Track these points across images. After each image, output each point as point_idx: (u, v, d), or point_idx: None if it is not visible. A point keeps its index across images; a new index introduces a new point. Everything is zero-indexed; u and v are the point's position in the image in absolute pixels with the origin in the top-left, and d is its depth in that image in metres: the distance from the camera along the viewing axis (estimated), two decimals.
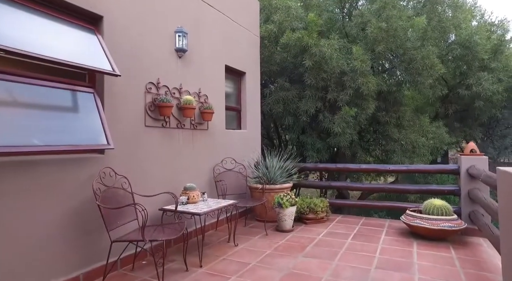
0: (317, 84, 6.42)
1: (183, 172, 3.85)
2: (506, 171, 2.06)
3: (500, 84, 7.98)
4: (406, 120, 7.88)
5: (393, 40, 6.42)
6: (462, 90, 8.37)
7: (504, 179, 2.11)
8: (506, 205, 2.01)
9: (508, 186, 2.01)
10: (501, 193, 2.15)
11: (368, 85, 6.19)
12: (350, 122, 6.45)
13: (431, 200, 3.74)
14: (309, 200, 4.49)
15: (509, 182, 1.97)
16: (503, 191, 2.09)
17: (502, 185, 2.12)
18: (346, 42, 7.11)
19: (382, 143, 8.49)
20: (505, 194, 2.07)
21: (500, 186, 2.20)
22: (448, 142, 8.11)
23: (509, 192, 1.98)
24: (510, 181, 1.95)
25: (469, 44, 7.80)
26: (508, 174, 2.03)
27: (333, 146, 7.00)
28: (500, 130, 10.14)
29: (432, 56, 6.62)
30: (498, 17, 10.01)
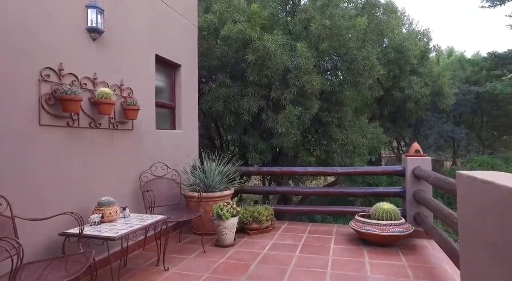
0: (260, 81, 6.03)
1: (97, 183, 3.08)
2: (471, 177, 1.82)
3: (427, 88, 8.55)
4: (347, 120, 7.96)
5: (337, 38, 6.34)
6: (396, 92, 8.79)
7: (468, 186, 1.88)
8: (471, 218, 1.77)
9: (473, 194, 1.77)
10: (464, 202, 1.91)
11: (313, 83, 6.00)
12: (294, 122, 6.19)
13: (379, 204, 3.57)
14: (253, 208, 4.03)
15: (476, 190, 1.72)
16: (468, 200, 1.85)
17: (465, 193, 1.88)
18: (290, 40, 6.88)
19: (324, 143, 8.50)
20: (470, 203, 1.82)
21: (462, 193, 1.97)
22: (384, 141, 8.43)
23: (476, 203, 1.73)
24: (478, 189, 1.70)
25: (401, 48, 8.18)
26: (474, 180, 1.79)
27: (276, 146, 6.70)
28: (425, 130, 11.00)
29: (372, 57, 6.72)
30: (423, 26, 10.86)
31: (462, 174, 1.95)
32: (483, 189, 1.66)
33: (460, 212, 2.01)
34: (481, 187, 1.69)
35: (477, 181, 1.74)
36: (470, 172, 1.94)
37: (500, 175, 1.80)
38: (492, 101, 11.81)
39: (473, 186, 1.78)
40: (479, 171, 1.97)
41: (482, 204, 1.67)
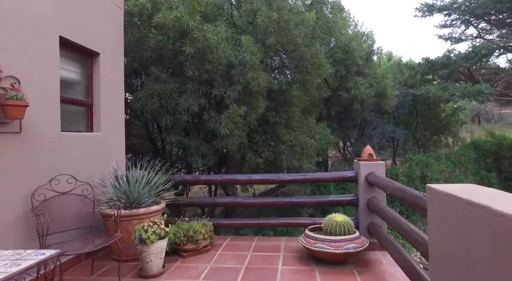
0: (201, 77, 5.36)
1: None
2: (453, 196, 1.43)
3: (371, 89, 8.65)
4: (295, 121, 7.65)
5: (284, 33, 5.93)
6: (343, 92, 8.74)
7: (447, 205, 1.49)
8: (452, 246, 1.38)
9: (456, 217, 1.39)
10: (441, 224, 1.53)
11: (259, 80, 5.50)
12: (238, 123, 5.64)
13: (331, 216, 3.17)
14: (188, 225, 3.38)
15: (461, 213, 1.33)
16: (447, 223, 1.46)
17: (442, 213, 1.50)
18: (235, 33, 6.33)
19: (272, 144, 8.13)
20: (451, 228, 1.44)
21: (437, 214, 1.59)
22: (332, 142, 8.32)
23: (461, 229, 1.35)
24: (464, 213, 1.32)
25: (348, 49, 8.13)
26: (457, 200, 1.40)
27: (220, 149, 6.10)
28: (369, 131, 11.28)
29: (321, 55, 6.46)
30: (367, 28, 11.15)
31: (437, 191, 1.56)
32: (472, 214, 1.26)
33: (433, 235, 1.64)
34: (468, 211, 1.28)
35: (462, 202, 1.34)
36: (446, 187, 1.56)
37: (485, 193, 1.43)
38: (425, 103, 12.58)
39: (455, 208, 1.37)
40: (454, 186, 1.60)
41: (471, 233, 1.27)
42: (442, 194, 1.50)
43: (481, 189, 1.45)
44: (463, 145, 12.46)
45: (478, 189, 1.44)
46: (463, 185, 1.60)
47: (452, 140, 13.57)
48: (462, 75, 11.29)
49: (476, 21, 11.23)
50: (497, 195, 1.34)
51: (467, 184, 1.60)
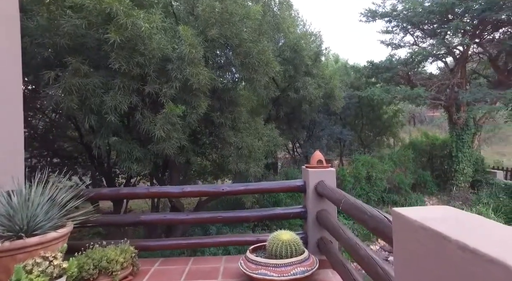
0: (131, 71, 4.61)
1: None
2: (430, 230, 1.06)
3: (320, 90, 8.54)
4: (242, 122, 7.19)
5: (228, 26, 5.41)
6: (292, 93, 8.51)
7: (419, 237, 1.11)
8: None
9: (430, 252, 1.01)
10: (409, 257, 1.15)
11: (199, 77, 4.91)
12: (177, 124, 5.00)
13: (277, 233, 2.73)
14: (101, 253, 2.68)
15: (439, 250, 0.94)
16: (420, 259, 1.08)
17: (413, 247, 1.11)
18: (174, 24, 5.65)
19: (219, 146, 7.60)
20: (425, 264, 1.06)
21: (406, 245, 1.20)
22: (280, 144, 8.02)
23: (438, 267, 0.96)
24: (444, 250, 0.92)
25: (296, 47, 7.90)
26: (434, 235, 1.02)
27: (157, 153, 5.38)
28: (318, 132, 11.29)
29: (268, 51, 6.07)
30: (315, 28, 11.14)
31: (410, 220, 1.17)
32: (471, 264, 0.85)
33: (402, 275, 1.24)
34: (464, 260, 0.87)
35: (451, 244, 0.94)
36: (420, 215, 1.17)
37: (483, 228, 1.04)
38: (370, 105, 13.03)
39: (441, 249, 0.96)
40: (429, 211, 1.22)
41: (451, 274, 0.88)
42: (417, 225, 1.10)
43: (470, 219, 1.09)
44: (403, 145, 13.14)
45: (467, 221, 1.08)
46: (438, 209, 1.24)
47: (393, 140, 14.29)
48: (402, 79, 11.85)
49: (412, 29, 11.85)
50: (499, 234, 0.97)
51: (443, 208, 1.24)
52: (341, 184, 9.97)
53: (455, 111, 10.74)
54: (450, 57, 11.34)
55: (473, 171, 10.92)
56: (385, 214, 1.62)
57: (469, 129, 10.64)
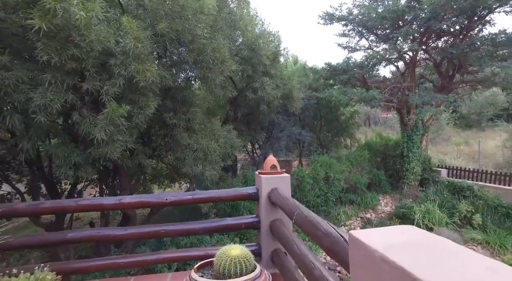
0: (65, 65, 4.05)
1: None
2: (387, 260, 0.83)
3: (278, 90, 8.42)
4: (197, 123, 6.82)
5: (180, 21, 5.02)
6: (250, 93, 8.30)
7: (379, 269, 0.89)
8: None
9: None
10: None
11: (146, 74, 4.48)
12: (121, 125, 4.51)
13: (225, 249, 2.44)
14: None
15: None
16: None
17: (367, 271, 0.89)
18: (120, 15, 5.14)
19: (174, 148, 7.17)
20: None
21: (361, 271, 0.97)
22: (237, 146, 7.76)
23: None
24: None
25: (254, 47, 7.70)
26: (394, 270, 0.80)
27: (99, 158, 4.84)
28: (277, 133, 11.21)
29: (224, 49, 5.77)
30: (274, 28, 11.04)
31: (369, 249, 0.94)
32: None
33: None
34: None
35: (402, 273, 0.71)
36: (377, 240, 0.96)
37: None
38: (328, 106, 13.26)
39: (394, 277, 0.73)
40: (389, 236, 1.02)
41: None
42: (377, 256, 0.88)
43: (437, 246, 0.90)
44: (359, 146, 13.55)
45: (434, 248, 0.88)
46: (402, 231, 1.04)
47: (350, 141, 14.71)
48: (358, 82, 12.19)
49: (367, 33, 12.25)
50: None
51: (407, 230, 1.05)
52: (300, 185, 9.97)
53: (406, 113, 11.27)
54: (401, 61, 11.89)
55: (421, 170, 11.54)
56: (342, 232, 1.42)
57: (418, 130, 11.21)
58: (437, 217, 9.53)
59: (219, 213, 8.97)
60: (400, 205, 10.56)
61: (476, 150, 16.38)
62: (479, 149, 15.75)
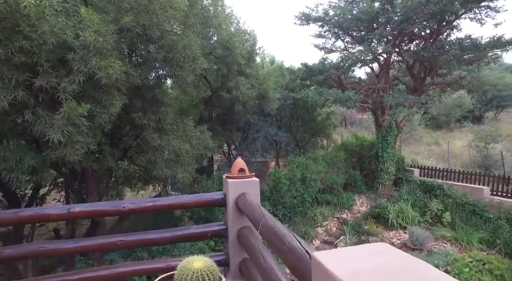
0: (13, 59, 3.67)
1: None
2: None
3: (253, 90, 8.25)
4: (168, 123, 6.52)
5: (147, 15, 4.72)
6: (224, 93, 8.08)
7: None
8: None
9: None
10: None
11: (109, 71, 4.16)
12: (82, 125, 4.18)
13: (187, 261, 2.21)
14: None
15: None
16: None
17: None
18: (81, 6, 4.77)
19: (145, 150, 6.84)
20: None
21: None
22: (211, 147, 7.50)
23: None
24: None
25: (229, 45, 7.49)
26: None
27: (57, 161, 4.46)
28: (253, 134, 11.04)
29: (195, 46, 5.52)
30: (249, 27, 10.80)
31: (330, 275, 0.77)
32: None
33: None
34: None
35: None
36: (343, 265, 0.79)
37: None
38: (304, 107, 13.25)
39: None
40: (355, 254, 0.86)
41: None
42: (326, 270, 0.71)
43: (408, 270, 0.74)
44: (336, 146, 13.64)
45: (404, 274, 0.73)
46: (372, 252, 0.88)
47: (327, 141, 14.79)
48: (334, 82, 12.26)
49: (343, 35, 12.35)
50: None
51: (377, 250, 0.89)
52: (276, 186, 9.86)
53: (381, 114, 11.44)
54: (376, 63, 12.08)
55: (395, 170, 11.76)
56: (308, 247, 1.25)
57: (392, 130, 11.41)
58: (410, 216, 9.72)
59: (194, 216, 8.68)
60: (375, 205, 10.69)
61: (445, 150, 17.00)
62: (448, 149, 16.35)
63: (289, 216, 9.96)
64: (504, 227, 8.71)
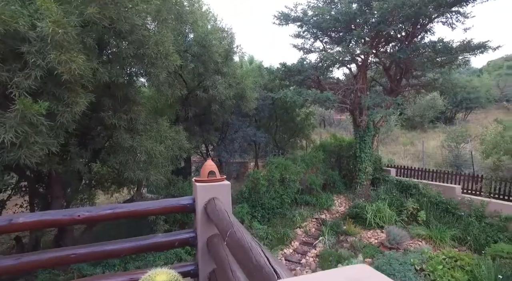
0: None
1: None
2: None
3: (231, 89, 8.05)
4: (141, 123, 6.21)
5: (114, 7, 4.41)
6: (200, 92, 7.82)
7: None
8: None
9: None
10: None
11: (71, 66, 3.83)
12: (41, 125, 3.82)
13: (150, 274, 1.98)
14: None
15: None
16: None
17: None
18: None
19: (116, 151, 6.48)
20: None
21: None
22: (186, 148, 7.22)
23: None
24: None
25: (205, 42, 7.25)
26: None
27: (11, 164, 4.06)
28: (231, 134, 10.83)
29: (168, 42, 5.25)
30: (227, 25, 10.59)
31: None
32: None
33: None
34: None
35: None
36: None
37: None
38: (283, 107, 13.18)
39: None
40: None
41: None
42: None
43: None
44: (314, 147, 13.65)
45: None
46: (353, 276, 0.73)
47: (306, 142, 14.79)
48: (313, 83, 12.24)
49: (322, 36, 12.37)
50: None
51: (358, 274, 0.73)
52: (255, 187, 9.70)
53: (359, 115, 11.53)
54: (354, 64, 12.18)
55: (373, 170, 11.88)
56: (278, 265, 1.07)
57: (369, 131, 11.53)
58: (387, 216, 9.82)
59: (169, 220, 8.36)
60: (353, 205, 10.74)
61: (420, 150, 17.47)
62: (423, 149, 16.81)
63: (268, 217, 9.82)
64: (473, 224, 8.97)
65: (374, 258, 8.09)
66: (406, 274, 7.21)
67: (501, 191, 10.09)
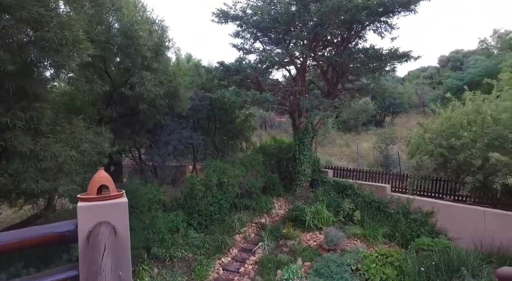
0: None
1: None
2: None
3: (161, 87, 7.30)
4: (46, 123, 5.17)
5: None
6: (126, 89, 6.94)
7: None
8: None
9: None
10: None
11: None
12: None
13: None
14: None
15: None
16: None
17: None
18: None
19: (10, 157, 5.31)
20: None
21: None
22: (107, 152, 6.29)
23: None
24: None
25: (131, 33, 6.42)
26: None
27: None
28: (164, 137, 10.00)
29: (77, 26, 4.40)
30: (158, 16, 9.70)
31: None
32: None
33: None
34: None
35: None
36: None
37: None
38: (222, 108, 12.71)
39: None
40: None
41: None
42: None
43: None
44: (254, 149, 13.41)
45: None
46: None
47: (246, 144, 14.50)
48: (253, 84, 11.99)
49: (261, 36, 12.19)
50: None
51: None
52: (191, 193, 9.05)
53: (298, 117, 11.58)
54: (293, 66, 12.24)
55: (312, 172, 12.04)
56: None
57: (308, 133, 11.65)
58: (325, 217, 9.94)
59: None
60: (293, 208, 10.69)
61: (354, 151, 18.45)
62: (357, 150, 17.76)
63: (205, 224, 9.23)
64: (401, 221, 9.52)
65: (313, 261, 8.04)
66: (343, 275, 7.25)
67: (422, 188, 10.94)
